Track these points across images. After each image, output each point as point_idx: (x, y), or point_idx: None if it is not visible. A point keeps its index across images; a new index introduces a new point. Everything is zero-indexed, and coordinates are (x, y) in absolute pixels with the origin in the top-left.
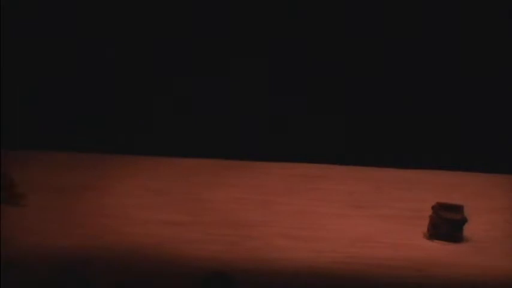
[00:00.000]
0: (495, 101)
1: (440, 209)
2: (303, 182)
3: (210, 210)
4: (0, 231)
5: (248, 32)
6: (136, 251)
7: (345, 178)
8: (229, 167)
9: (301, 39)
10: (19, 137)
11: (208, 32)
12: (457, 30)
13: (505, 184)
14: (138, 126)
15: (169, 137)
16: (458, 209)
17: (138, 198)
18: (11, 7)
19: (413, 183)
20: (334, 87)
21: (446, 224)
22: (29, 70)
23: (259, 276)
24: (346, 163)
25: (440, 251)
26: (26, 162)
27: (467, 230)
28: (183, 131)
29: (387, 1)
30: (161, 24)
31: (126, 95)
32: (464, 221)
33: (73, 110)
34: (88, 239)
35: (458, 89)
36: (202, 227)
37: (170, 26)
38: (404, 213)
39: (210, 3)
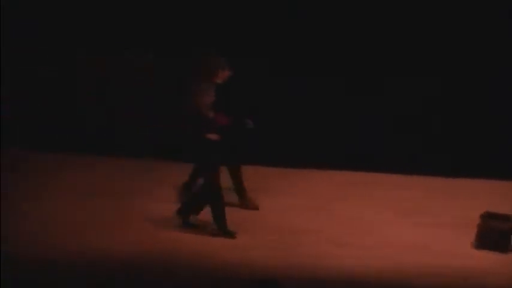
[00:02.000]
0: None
1: (488, 217)
2: (354, 188)
3: (259, 216)
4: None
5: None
6: (187, 257)
7: (396, 185)
8: (278, 174)
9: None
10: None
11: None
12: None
13: None
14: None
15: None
16: (507, 218)
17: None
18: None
19: (463, 192)
20: (380, 92)
21: (494, 233)
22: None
23: (308, 283)
24: (397, 171)
25: (488, 260)
26: (72, 166)
27: None
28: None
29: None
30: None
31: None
32: None
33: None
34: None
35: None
36: (251, 233)
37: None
38: (453, 221)
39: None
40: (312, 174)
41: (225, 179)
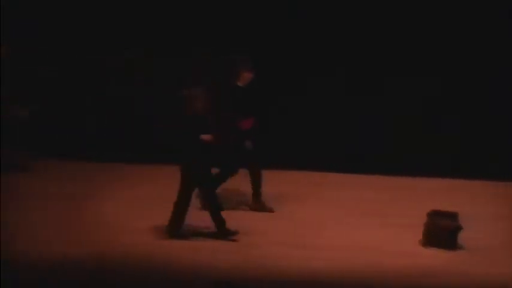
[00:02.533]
0: (494, 105)
1: (435, 216)
2: (309, 189)
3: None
4: (0, 232)
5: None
6: (142, 259)
7: (346, 185)
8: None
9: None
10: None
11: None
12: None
13: (503, 191)
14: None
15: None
16: (453, 216)
17: (140, 207)
18: (11, 7)
19: (412, 190)
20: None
21: (441, 231)
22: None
23: (261, 284)
24: (350, 171)
25: (435, 258)
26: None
27: (464, 237)
28: None
29: None
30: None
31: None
32: (459, 228)
33: (75, 119)
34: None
35: (460, 93)
36: (205, 235)
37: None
38: (402, 220)
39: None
40: (272, 175)
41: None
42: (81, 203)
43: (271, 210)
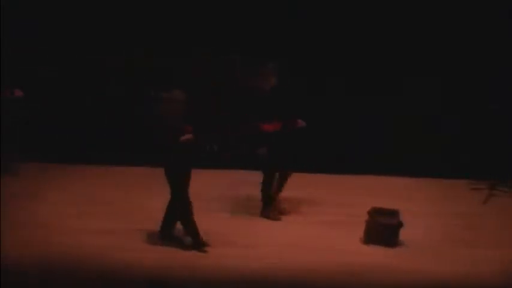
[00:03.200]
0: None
1: (376, 213)
2: (238, 189)
3: (149, 219)
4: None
5: None
6: (74, 260)
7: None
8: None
9: None
10: None
11: None
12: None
13: (443, 188)
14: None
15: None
16: (393, 213)
17: (77, 207)
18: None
19: (351, 188)
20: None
21: (382, 228)
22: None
23: (195, 284)
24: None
25: (376, 255)
26: None
27: (405, 234)
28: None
29: None
30: None
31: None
32: (399, 225)
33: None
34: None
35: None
36: (141, 236)
37: None
38: (342, 218)
39: None
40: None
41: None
42: (22, 203)
43: (285, 212)
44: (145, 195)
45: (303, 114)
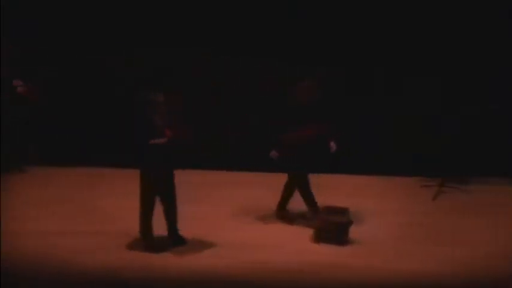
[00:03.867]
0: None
1: (326, 212)
2: (191, 188)
3: (105, 219)
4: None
5: None
6: (31, 261)
7: (237, 184)
8: (124, 176)
9: None
10: None
11: None
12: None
13: (394, 185)
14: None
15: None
16: (343, 211)
17: (32, 209)
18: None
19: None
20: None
21: (332, 227)
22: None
23: (152, 282)
24: (240, 169)
25: (327, 254)
26: None
27: (355, 232)
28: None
29: None
30: None
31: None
32: (349, 223)
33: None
34: None
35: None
36: (98, 236)
37: None
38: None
39: None
40: None
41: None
42: None
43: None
44: (105, 195)
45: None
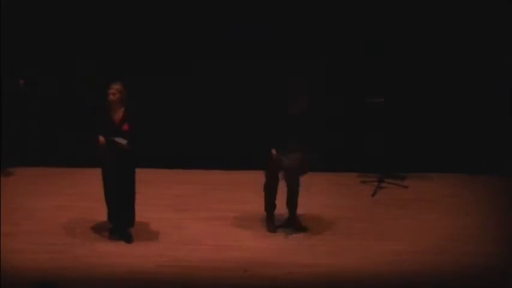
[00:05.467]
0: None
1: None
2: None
3: (33, 219)
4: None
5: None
6: None
7: (170, 182)
8: (48, 175)
9: None
10: None
11: None
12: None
13: (333, 181)
14: None
15: None
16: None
17: None
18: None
19: (238, 185)
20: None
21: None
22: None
23: (85, 283)
24: (172, 167)
25: (266, 251)
26: None
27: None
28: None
29: None
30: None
31: None
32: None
33: None
34: None
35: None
36: (26, 237)
37: None
38: (229, 214)
39: None
40: (82, 173)
41: None
42: None
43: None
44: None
45: None
